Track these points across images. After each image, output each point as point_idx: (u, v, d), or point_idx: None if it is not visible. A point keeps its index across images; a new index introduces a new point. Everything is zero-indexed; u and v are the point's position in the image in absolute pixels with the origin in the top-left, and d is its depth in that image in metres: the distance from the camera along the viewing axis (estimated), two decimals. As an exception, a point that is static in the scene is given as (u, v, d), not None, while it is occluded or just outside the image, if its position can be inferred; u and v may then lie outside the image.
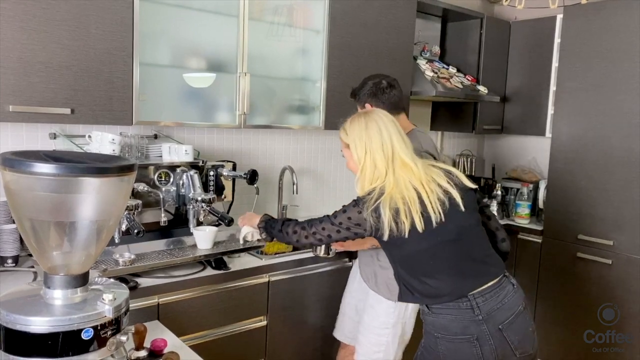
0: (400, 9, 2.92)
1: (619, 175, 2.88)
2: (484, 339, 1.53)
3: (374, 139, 1.61)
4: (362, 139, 1.62)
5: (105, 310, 1.08)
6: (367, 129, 1.63)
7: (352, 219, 1.59)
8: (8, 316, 1.04)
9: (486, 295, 1.56)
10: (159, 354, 1.36)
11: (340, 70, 2.69)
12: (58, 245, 1.10)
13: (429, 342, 1.61)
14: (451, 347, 1.55)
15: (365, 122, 1.64)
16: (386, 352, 2.06)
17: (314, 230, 1.66)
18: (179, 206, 2.15)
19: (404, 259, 1.61)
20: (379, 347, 2.05)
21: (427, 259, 1.58)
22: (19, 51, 1.79)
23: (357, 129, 1.65)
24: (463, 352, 1.54)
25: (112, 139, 2.04)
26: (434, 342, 1.59)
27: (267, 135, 2.86)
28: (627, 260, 2.86)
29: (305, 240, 1.69)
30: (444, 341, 1.56)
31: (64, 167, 1.02)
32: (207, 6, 2.26)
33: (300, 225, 1.70)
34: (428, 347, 1.62)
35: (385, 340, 2.05)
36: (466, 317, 1.54)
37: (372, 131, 1.62)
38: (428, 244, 1.55)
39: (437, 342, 1.57)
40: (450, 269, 1.58)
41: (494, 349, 1.54)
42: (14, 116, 1.81)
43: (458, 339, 1.54)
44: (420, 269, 1.59)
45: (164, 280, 1.93)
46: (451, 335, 1.55)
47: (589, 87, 2.98)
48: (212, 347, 2.04)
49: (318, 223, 1.67)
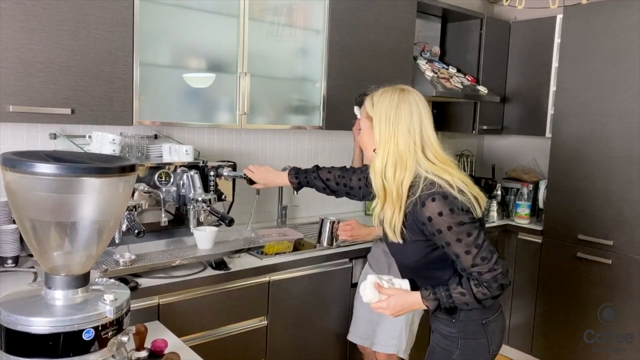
0: (400, 9, 2.92)
1: (619, 176, 2.88)
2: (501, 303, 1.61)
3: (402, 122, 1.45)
4: (389, 118, 1.46)
5: (107, 310, 1.08)
6: (397, 108, 1.46)
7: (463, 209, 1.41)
8: (9, 317, 1.04)
9: None
10: (160, 354, 1.36)
11: (340, 71, 2.69)
12: (59, 245, 1.10)
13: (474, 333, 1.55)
14: (495, 326, 1.58)
15: (398, 100, 1.47)
16: (400, 339, 2.20)
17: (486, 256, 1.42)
18: (179, 206, 2.15)
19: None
20: (394, 334, 2.19)
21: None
22: (19, 51, 1.79)
23: (387, 105, 1.48)
24: (503, 324, 1.61)
25: (112, 139, 2.04)
26: (481, 330, 1.55)
27: (267, 135, 2.86)
28: (627, 261, 2.86)
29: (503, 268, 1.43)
30: (490, 323, 1.56)
31: (65, 167, 1.02)
32: (207, 6, 2.26)
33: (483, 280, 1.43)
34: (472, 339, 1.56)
35: (399, 327, 2.19)
36: None
37: (402, 112, 1.46)
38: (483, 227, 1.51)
39: (485, 328, 1.56)
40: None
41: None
42: (14, 116, 1.81)
43: (499, 315, 1.59)
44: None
45: (165, 280, 1.93)
46: (495, 313, 1.57)
47: (588, 87, 2.98)
48: (213, 347, 2.04)
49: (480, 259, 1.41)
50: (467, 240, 1.40)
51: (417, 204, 1.43)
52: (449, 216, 1.39)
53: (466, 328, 1.56)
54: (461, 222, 1.40)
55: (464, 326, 1.56)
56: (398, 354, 2.20)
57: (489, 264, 1.41)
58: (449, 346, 1.59)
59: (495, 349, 1.60)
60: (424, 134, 1.47)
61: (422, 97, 1.52)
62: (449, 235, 1.41)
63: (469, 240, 1.40)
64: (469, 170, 3.90)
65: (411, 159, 1.44)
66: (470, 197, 1.44)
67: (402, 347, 2.20)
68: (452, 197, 1.41)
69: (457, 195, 1.41)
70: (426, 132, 1.47)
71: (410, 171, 1.44)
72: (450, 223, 1.40)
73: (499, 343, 1.61)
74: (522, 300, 3.35)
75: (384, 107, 1.48)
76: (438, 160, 1.47)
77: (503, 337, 1.63)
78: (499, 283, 1.42)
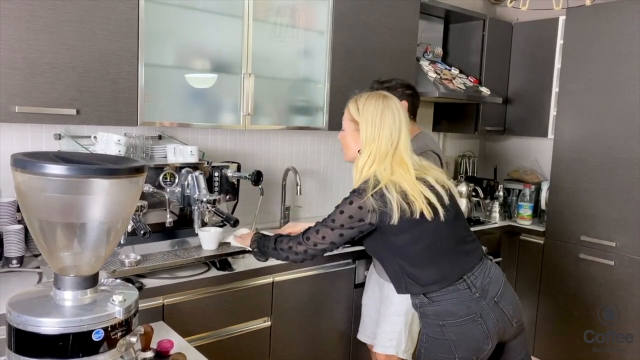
0: (403, 10, 2.92)
1: (621, 177, 2.88)
2: (486, 314, 1.57)
3: (386, 126, 1.61)
4: (375, 122, 1.61)
5: (116, 311, 1.08)
6: (382, 113, 1.62)
7: (353, 216, 1.58)
8: (18, 317, 1.04)
9: (475, 273, 1.61)
10: (166, 355, 1.36)
11: (343, 72, 2.70)
12: (68, 246, 1.10)
13: (434, 333, 1.60)
14: (459, 331, 1.57)
15: (382, 106, 1.63)
16: (399, 340, 2.18)
17: (314, 241, 1.64)
18: (183, 207, 2.15)
19: (409, 246, 1.59)
20: (392, 335, 2.18)
21: (433, 242, 1.59)
22: (24, 52, 1.79)
23: (373, 110, 1.63)
24: (471, 333, 1.57)
25: (117, 140, 2.04)
26: (439, 332, 1.58)
27: (271, 136, 2.86)
28: (630, 262, 2.86)
29: (304, 254, 1.67)
30: (451, 327, 1.57)
31: (75, 168, 1.02)
32: (211, 7, 2.26)
33: (296, 240, 1.67)
34: (433, 338, 1.61)
35: (398, 328, 2.17)
36: (466, 298, 1.57)
37: (386, 118, 1.61)
38: (434, 225, 1.56)
39: (444, 330, 1.57)
40: (450, 252, 1.61)
41: (496, 322, 1.59)
42: (19, 117, 1.81)
43: (464, 321, 1.56)
44: (425, 255, 1.60)
45: (169, 281, 1.93)
46: (457, 319, 1.57)
47: (591, 89, 2.99)
48: (217, 347, 2.04)
49: (315, 233, 1.64)
50: (326, 222, 1.63)
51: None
52: (345, 205, 1.60)
53: (426, 324, 1.64)
54: (342, 211, 1.60)
55: (424, 322, 1.64)
56: (397, 354, 2.19)
57: (310, 234, 1.65)
58: (420, 340, 1.67)
59: (464, 355, 1.57)
60: (401, 139, 1.62)
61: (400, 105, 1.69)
62: (333, 211, 1.64)
63: (326, 225, 1.63)
64: (470, 171, 3.91)
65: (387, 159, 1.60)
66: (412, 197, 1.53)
67: (402, 348, 2.19)
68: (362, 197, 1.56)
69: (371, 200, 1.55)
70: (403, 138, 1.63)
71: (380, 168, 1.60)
72: (341, 206, 1.62)
73: (473, 350, 1.57)
74: (524, 301, 3.32)
75: (370, 112, 1.63)
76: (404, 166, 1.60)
77: (483, 345, 1.57)
78: (291, 253, 1.67)
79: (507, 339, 1.66)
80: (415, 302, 1.66)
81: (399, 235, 1.58)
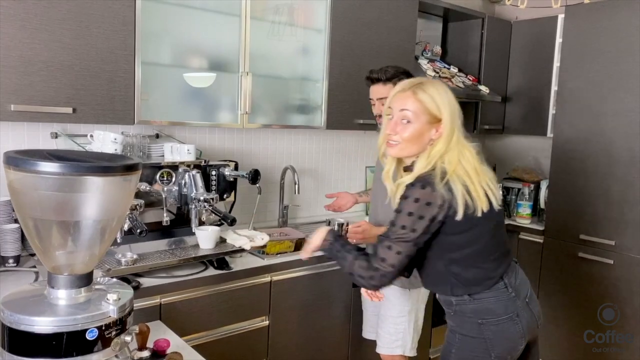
0: (401, 8, 2.92)
1: (620, 175, 2.87)
2: (521, 314, 1.57)
3: (457, 111, 1.51)
4: (452, 110, 1.50)
5: (110, 310, 1.07)
6: (453, 98, 1.51)
7: (420, 199, 1.42)
8: (12, 316, 1.03)
9: (509, 273, 1.59)
10: (162, 354, 1.35)
11: (341, 70, 2.69)
12: (62, 244, 1.09)
13: (470, 331, 1.56)
14: (497, 330, 1.54)
15: (448, 90, 1.52)
16: (404, 340, 2.17)
17: (392, 262, 1.45)
18: (180, 206, 2.14)
19: (466, 245, 1.51)
20: (397, 336, 2.17)
21: (488, 241, 1.54)
22: (20, 50, 1.78)
23: (447, 99, 1.51)
24: (509, 332, 1.55)
25: (114, 139, 2.03)
26: (476, 330, 1.55)
27: (269, 134, 2.85)
28: (629, 260, 2.85)
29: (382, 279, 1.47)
30: (489, 325, 1.54)
31: (69, 166, 1.01)
32: (209, 5, 2.25)
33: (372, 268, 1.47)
34: (469, 337, 1.57)
35: (402, 327, 2.16)
36: (504, 297, 1.56)
37: (455, 103, 1.51)
38: (491, 224, 1.52)
39: (482, 329, 1.55)
40: (497, 251, 1.58)
41: (528, 322, 1.58)
42: (15, 115, 1.80)
43: (503, 320, 1.54)
44: (479, 256, 1.53)
45: (166, 280, 1.93)
46: (496, 317, 1.54)
47: (590, 87, 2.98)
48: (214, 347, 2.04)
49: (387, 250, 1.46)
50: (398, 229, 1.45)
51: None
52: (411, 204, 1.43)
53: (462, 323, 1.58)
54: (411, 212, 1.44)
55: (460, 321, 1.58)
56: (404, 353, 2.18)
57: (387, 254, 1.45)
58: (450, 339, 1.62)
59: (500, 354, 1.55)
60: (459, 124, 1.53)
61: None
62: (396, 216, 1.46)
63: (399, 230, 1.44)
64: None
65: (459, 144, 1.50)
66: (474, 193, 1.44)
67: (408, 346, 2.19)
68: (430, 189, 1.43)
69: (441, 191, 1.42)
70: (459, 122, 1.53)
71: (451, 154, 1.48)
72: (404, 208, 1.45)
73: (508, 349, 1.56)
74: (523, 300, 3.35)
75: (446, 102, 1.51)
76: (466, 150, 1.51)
77: (517, 344, 1.57)
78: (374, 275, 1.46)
79: (531, 340, 1.65)
80: (451, 300, 1.59)
81: (460, 233, 1.48)
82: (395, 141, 1.53)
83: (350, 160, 3.25)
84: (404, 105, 1.51)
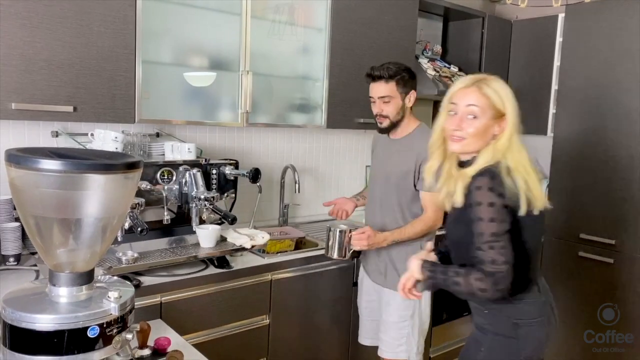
0: (402, 7, 2.92)
1: (621, 174, 2.87)
2: (550, 317, 1.59)
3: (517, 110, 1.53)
4: (516, 108, 1.53)
5: (111, 307, 1.08)
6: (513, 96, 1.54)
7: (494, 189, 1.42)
8: (13, 314, 1.03)
9: (540, 278, 1.61)
10: (163, 352, 1.36)
11: (342, 69, 2.69)
12: (63, 242, 1.09)
13: (504, 330, 1.56)
14: (530, 331, 1.55)
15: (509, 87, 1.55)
16: (408, 344, 2.13)
17: (492, 258, 1.41)
18: (181, 204, 2.14)
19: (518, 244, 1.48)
20: (400, 341, 2.12)
21: (537, 241, 1.55)
22: (21, 48, 1.78)
23: (510, 94, 1.54)
24: (540, 334, 1.57)
25: (115, 137, 2.03)
26: (511, 329, 1.55)
27: (269, 133, 2.85)
28: (629, 260, 2.85)
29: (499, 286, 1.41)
30: (524, 326, 1.55)
31: (70, 163, 1.01)
32: (210, 4, 2.25)
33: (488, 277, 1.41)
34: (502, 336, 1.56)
35: (406, 332, 2.12)
36: (538, 300, 1.57)
37: (515, 100, 1.54)
38: (541, 224, 1.53)
39: (516, 329, 1.55)
40: (538, 253, 1.59)
41: (553, 327, 1.60)
42: (16, 114, 1.80)
43: (536, 322, 1.56)
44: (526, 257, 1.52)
45: (167, 278, 1.93)
46: (531, 319, 1.55)
47: (590, 86, 2.98)
48: (215, 345, 2.04)
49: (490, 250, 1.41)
50: (487, 224, 1.41)
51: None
52: (484, 193, 1.41)
53: (496, 322, 1.57)
54: (492, 203, 1.41)
55: (494, 320, 1.57)
56: (410, 358, 2.13)
57: (495, 255, 1.40)
58: (479, 337, 1.62)
59: (529, 356, 1.56)
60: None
61: None
62: (475, 210, 1.42)
63: (489, 224, 1.40)
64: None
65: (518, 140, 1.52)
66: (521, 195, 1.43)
67: (414, 350, 2.13)
68: (499, 178, 1.42)
69: (508, 183, 1.42)
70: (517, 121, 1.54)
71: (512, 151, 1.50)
72: (482, 199, 1.41)
73: (535, 350, 1.57)
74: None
75: (509, 98, 1.53)
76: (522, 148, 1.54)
77: (543, 347, 1.58)
78: (497, 281, 1.40)
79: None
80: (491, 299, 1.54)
81: (517, 230, 1.45)
82: (459, 136, 1.52)
83: (350, 159, 3.26)
84: (470, 100, 1.51)
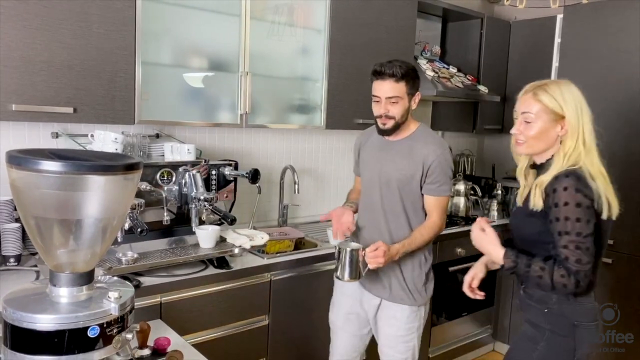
0: (401, 8, 2.93)
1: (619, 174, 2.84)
2: (599, 324, 1.61)
3: (587, 112, 1.60)
4: (579, 110, 1.59)
5: (111, 308, 1.08)
6: (580, 98, 1.62)
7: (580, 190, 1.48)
8: (14, 314, 1.04)
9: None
10: (163, 352, 1.36)
11: (341, 70, 2.70)
12: (64, 243, 1.10)
13: (562, 330, 1.57)
14: (586, 332, 1.58)
15: (575, 90, 1.62)
16: (413, 353, 2.10)
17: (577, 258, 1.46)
18: (181, 205, 2.15)
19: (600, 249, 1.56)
20: (407, 354, 2.08)
21: (605, 245, 1.59)
22: (21, 50, 1.79)
23: (571, 97, 1.60)
24: (593, 337, 1.60)
25: (114, 138, 2.04)
26: (570, 329, 1.57)
27: (269, 134, 2.86)
28: (628, 260, 2.86)
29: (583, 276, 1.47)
30: (582, 328, 1.57)
31: (70, 164, 1.02)
32: (209, 5, 2.26)
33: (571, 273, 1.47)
34: (560, 336, 1.58)
35: (412, 345, 2.08)
36: (594, 304, 1.60)
37: (582, 103, 1.61)
38: (610, 229, 1.57)
39: (575, 329, 1.57)
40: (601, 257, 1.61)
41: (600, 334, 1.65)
42: (16, 115, 1.81)
43: (593, 325, 1.59)
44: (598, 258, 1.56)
45: (167, 279, 1.93)
46: (588, 322, 1.58)
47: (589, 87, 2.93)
48: (214, 346, 2.04)
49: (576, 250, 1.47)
50: (573, 224, 1.46)
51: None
52: (572, 194, 1.47)
53: (556, 322, 1.59)
54: (579, 203, 1.46)
55: (554, 319, 1.59)
56: None
57: (581, 255, 1.45)
58: (535, 336, 1.63)
59: (581, 357, 1.58)
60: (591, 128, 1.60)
61: None
62: (561, 210, 1.47)
63: (575, 224, 1.46)
64: (469, 169, 3.91)
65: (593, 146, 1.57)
66: (603, 199, 1.50)
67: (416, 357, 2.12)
68: (585, 181, 1.48)
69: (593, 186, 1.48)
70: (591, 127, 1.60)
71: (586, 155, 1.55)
72: (569, 199, 1.47)
73: (587, 353, 1.59)
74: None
75: (572, 98, 1.61)
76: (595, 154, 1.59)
77: (591, 351, 1.60)
78: (579, 279, 1.46)
79: None
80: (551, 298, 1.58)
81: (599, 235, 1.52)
82: (521, 140, 1.63)
83: (349, 160, 3.26)
84: (524, 107, 1.62)
